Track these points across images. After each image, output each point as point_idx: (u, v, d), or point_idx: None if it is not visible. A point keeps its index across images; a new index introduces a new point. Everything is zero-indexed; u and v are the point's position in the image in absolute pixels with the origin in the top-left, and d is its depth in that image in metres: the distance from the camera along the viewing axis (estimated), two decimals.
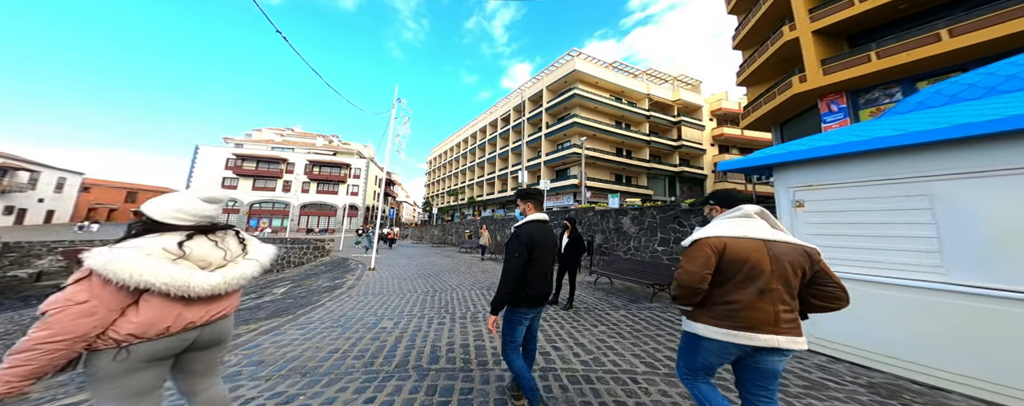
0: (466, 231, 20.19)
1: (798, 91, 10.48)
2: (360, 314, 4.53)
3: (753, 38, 14.36)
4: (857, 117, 9.35)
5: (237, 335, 3.50)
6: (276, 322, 4.03)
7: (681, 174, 28.69)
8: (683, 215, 6.30)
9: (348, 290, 6.34)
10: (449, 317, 4.42)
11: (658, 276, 5.04)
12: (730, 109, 29.29)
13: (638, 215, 7.88)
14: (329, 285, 7.37)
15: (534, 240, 1.96)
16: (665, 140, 28.58)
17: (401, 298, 5.63)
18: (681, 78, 30.70)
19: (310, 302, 5.36)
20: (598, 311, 4.61)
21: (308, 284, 8.46)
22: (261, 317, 4.60)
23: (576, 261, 4.71)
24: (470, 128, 43.70)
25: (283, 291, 8.08)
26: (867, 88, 9.22)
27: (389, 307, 4.97)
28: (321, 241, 15.09)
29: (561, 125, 26.35)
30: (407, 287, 6.72)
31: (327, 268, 11.42)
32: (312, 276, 10.08)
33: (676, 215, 6.44)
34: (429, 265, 10.49)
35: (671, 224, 6.59)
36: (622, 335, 3.55)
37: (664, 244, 6.67)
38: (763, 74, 13.56)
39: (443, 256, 13.73)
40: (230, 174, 38.89)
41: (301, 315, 4.40)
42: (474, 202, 37.78)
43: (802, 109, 11.51)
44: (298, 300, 6.00)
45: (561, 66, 27.76)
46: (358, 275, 8.33)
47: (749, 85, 14.89)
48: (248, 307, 6.15)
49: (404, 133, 10.51)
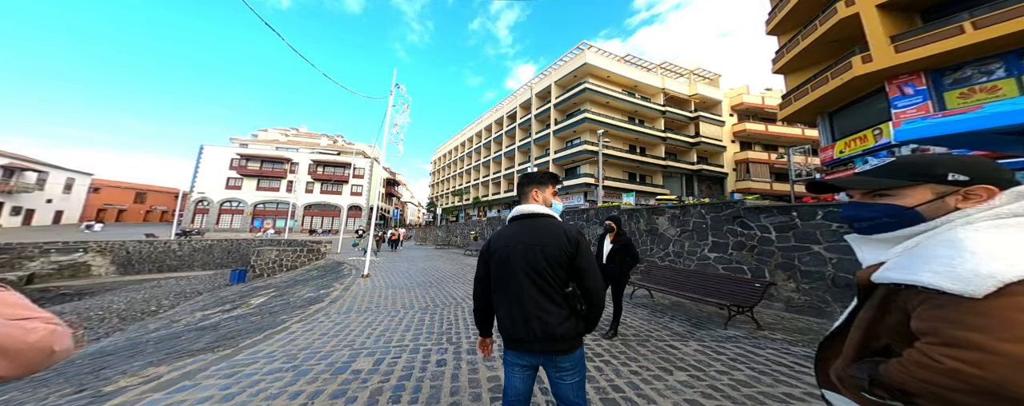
0: (471, 232, 19.00)
1: (860, 74, 8.99)
2: (331, 345, 3.33)
3: (794, 20, 12.87)
4: (941, 101, 7.83)
5: (123, 388, 2.30)
6: (203, 360, 2.84)
7: (699, 172, 27.08)
8: (748, 215, 4.95)
9: (329, 305, 5.15)
10: (453, 349, 3.19)
11: (734, 294, 3.71)
12: (752, 103, 27.60)
13: (678, 215, 6.55)
14: (311, 296, 6.21)
15: (491, 248, 1.38)
16: (682, 136, 27.03)
17: (392, 317, 4.42)
18: (698, 71, 29.13)
19: (274, 324, 4.17)
20: (657, 341, 3.32)
21: (292, 293, 7.32)
22: (198, 348, 3.41)
23: (623, 275, 3.41)
24: (475, 126, 42.69)
25: (261, 301, 6.95)
26: (955, 66, 7.70)
27: (374, 332, 3.76)
28: (317, 243, 14.05)
29: (571, 121, 25.05)
30: (402, 300, 5.52)
31: (319, 273, 10.32)
32: (300, 282, 8.97)
33: (737, 215, 5.09)
34: (431, 271, 9.29)
35: (729, 226, 5.25)
36: (721, 391, 2.24)
37: (718, 250, 5.33)
38: (808, 59, 12.05)
39: (447, 259, 12.55)
40: (234, 174, 38.51)
41: (247, 347, 3.21)
42: (479, 202, 36.72)
43: (861, 95, 9.98)
44: (265, 317, 4.83)
45: (570, 60, 26.48)
46: (347, 284, 7.16)
47: (788, 73, 13.38)
48: (198, 327, 4.99)
49: (403, 122, 9.38)
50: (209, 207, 37.39)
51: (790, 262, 4.29)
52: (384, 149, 8.91)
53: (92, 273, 18.32)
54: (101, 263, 18.71)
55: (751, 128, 26.61)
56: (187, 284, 13.79)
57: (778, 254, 4.43)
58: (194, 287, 12.63)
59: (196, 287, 12.59)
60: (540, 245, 1.27)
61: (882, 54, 8.56)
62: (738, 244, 5.00)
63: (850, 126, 10.42)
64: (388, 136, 9.15)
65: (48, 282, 16.59)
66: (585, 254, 1.29)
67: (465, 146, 45.21)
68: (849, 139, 10.10)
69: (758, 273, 4.67)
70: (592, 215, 9.67)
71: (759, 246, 4.66)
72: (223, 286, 12.20)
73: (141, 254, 19.59)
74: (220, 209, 37.81)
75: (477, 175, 40.52)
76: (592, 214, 9.69)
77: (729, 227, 5.22)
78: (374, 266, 10.37)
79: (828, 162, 11.07)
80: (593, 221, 9.57)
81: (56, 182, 35.45)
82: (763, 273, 4.58)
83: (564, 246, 1.26)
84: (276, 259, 12.32)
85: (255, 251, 12.13)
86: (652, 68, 28.19)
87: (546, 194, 1.42)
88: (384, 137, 8.99)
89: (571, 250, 1.27)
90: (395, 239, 17.91)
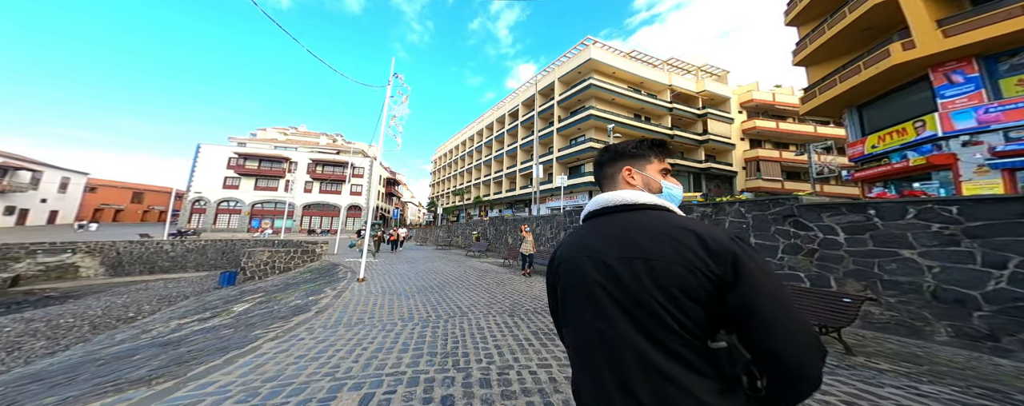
0: (474, 232, 18.31)
1: (900, 61, 8.25)
2: (308, 372, 2.62)
3: (818, 8, 12.15)
4: (996, 89, 7.09)
5: None
6: (128, 401, 2.13)
7: (707, 171, 26.35)
8: (805, 213, 4.21)
9: (314, 316, 4.44)
10: (461, 378, 2.53)
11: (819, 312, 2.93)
12: (762, 100, 26.85)
13: (710, 213, 5.84)
14: (297, 304, 5.51)
15: (556, 263, 0.84)
16: (689, 134, 26.32)
17: (387, 333, 3.72)
18: (706, 68, 28.43)
19: (243, 342, 3.46)
20: None
21: (278, 299, 6.62)
22: (137, 376, 2.69)
23: None
24: (477, 125, 42.06)
25: (244, 309, 6.25)
26: (1013, 50, 6.95)
27: (364, 354, 3.06)
28: (312, 244, 13.37)
29: (575, 119, 24.37)
30: (400, 309, 4.82)
31: (313, 276, 9.63)
32: (291, 286, 8.28)
33: (789, 213, 4.35)
34: (432, 274, 8.59)
35: (778, 226, 4.52)
36: None
37: (768, 253, 4.60)
38: (835, 49, 11.31)
39: (449, 261, 11.85)
40: (232, 173, 37.91)
41: (198, 376, 2.50)
42: (480, 202, 36.08)
43: (898, 85, 9.23)
44: (238, 331, 4.14)
45: (574, 56, 25.80)
46: (340, 289, 6.45)
47: (810, 65, 12.65)
48: (162, 342, 4.26)
49: (402, 113, 8.69)
50: (206, 207, 36.79)
51: (866, 270, 3.57)
52: (382, 142, 8.22)
53: (81, 275, 17.65)
54: (90, 264, 18.04)
55: (761, 125, 25.86)
56: (176, 287, 13.11)
57: (849, 260, 3.71)
58: (182, 290, 11.95)
59: (184, 290, 11.90)
60: (641, 258, 0.68)
61: (927, 39, 7.82)
62: (792, 247, 4.27)
63: (884, 119, 9.68)
64: (386, 128, 8.46)
65: (34, 284, 15.92)
66: (757, 281, 0.62)
67: (466, 145, 44.56)
68: (883, 133, 9.37)
69: (820, 282, 3.95)
70: None
71: (821, 250, 3.94)
72: (212, 289, 11.52)
73: (132, 255, 18.91)
74: (217, 209, 37.20)
75: (478, 174, 39.87)
76: None
77: (779, 228, 4.49)
78: (371, 268, 9.67)
79: (857, 158, 10.33)
80: None
81: (51, 181, 34.88)
82: (827, 282, 3.86)
83: (694, 262, 0.64)
84: (268, 261, 11.63)
85: (246, 252, 11.44)
86: (658, 64, 27.50)
87: (650, 173, 0.84)
88: (381, 129, 8.31)
89: (718, 272, 0.62)
90: (394, 239, 17.16)
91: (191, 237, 24.12)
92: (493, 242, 16.48)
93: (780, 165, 25.56)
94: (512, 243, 14.39)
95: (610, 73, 25.01)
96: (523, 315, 4.56)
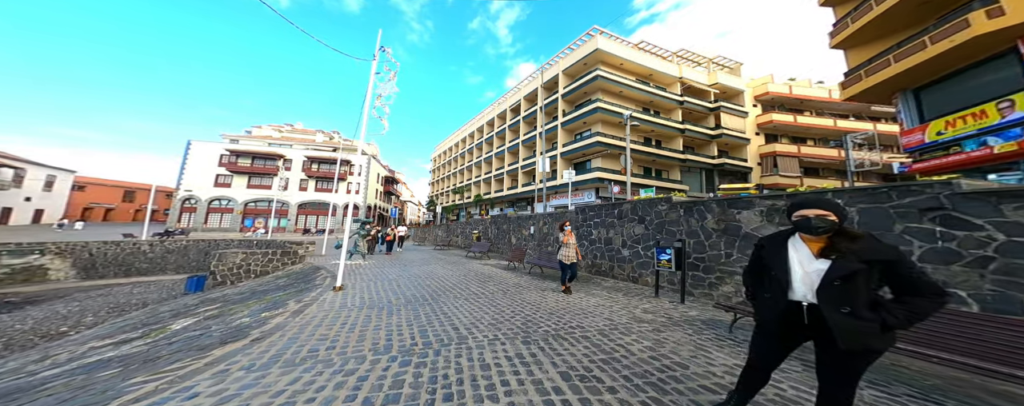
0: (474, 232, 17.00)
1: (983, 31, 6.93)
2: None
3: None
4: None
5: None
6: None
7: (721, 167, 25.04)
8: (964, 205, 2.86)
9: (248, 346, 3.13)
10: None
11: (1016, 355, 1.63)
12: (778, 93, 25.52)
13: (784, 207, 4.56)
14: (244, 322, 4.20)
15: None
16: (701, 128, 24.99)
17: (342, 379, 2.41)
18: (718, 60, 27.10)
19: (106, 397, 2.14)
20: None
21: (233, 312, 5.30)
22: None
23: (873, 336, 1.25)
24: (477, 121, 40.75)
25: (183, 326, 4.94)
26: None
27: None
28: (296, 245, 12.05)
29: (581, 112, 23.06)
30: (374, 334, 3.51)
31: (287, 281, 8.32)
32: (257, 295, 6.97)
33: (935, 206, 3.00)
34: (426, 280, 7.28)
35: (910, 223, 3.20)
36: None
37: None
38: (884, 27, 9.97)
39: (447, 263, 10.54)
40: (224, 171, 36.63)
41: None
42: (481, 200, 34.81)
43: (973, 61, 7.90)
44: (131, 367, 2.82)
45: (580, 47, 24.48)
46: (306, 302, 5.14)
47: (850, 47, 11.31)
48: (25, 385, 2.92)
49: (389, 92, 7.40)
50: (197, 205, 35.51)
51: None
52: (365, 123, 6.92)
53: (49, 277, 16.35)
54: (60, 266, 16.73)
55: (778, 119, 24.51)
56: (141, 292, 11.80)
57: None
58: (145, 296, 10.64)
59: (148, 296, 10.60)
60: None
61: (1019, 4, 6.50)
62: (943, 254, 2.94)
63: (952, 102, 8.36)
64: (371, 108, 7.15)
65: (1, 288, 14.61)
66: None
67: (466, 142, 43.26)
68: (952, 117, 8.06)
69: (1000, 305, 2.63)
70: (627, 210, 7.61)
71: (1000, 257, 2.63)
72: (179, 295, 10.21)
73: (107, 257, 17.60)
74: (209, 208, 35.92)
75: (478, 172, 38.58)
76: (627, 209, 7.63)
77: (911, 226, 3.17)
78: (355, 273, 8.36)
79: (915, 147, 9.01)
80: (629, 218, 7.53)
81: (35, 179, 33.63)
82: (1016, 305, 2.55)
83: None
84: (242, 264, 10.31)
85: (217, 254, 10.12)
86: (668, 56, 26.18)
87: None
88: (365, 108, 7.00)
89: None
90: (391, 239, 15.46)
91: (178, 237, 22.83)
92: (495, 242, 15.17)
93: (799, 160, 24.23)
94: (516, 243, 13.06)
95: (617, 64, 23.70)
96: (542, 340, 3.27)
